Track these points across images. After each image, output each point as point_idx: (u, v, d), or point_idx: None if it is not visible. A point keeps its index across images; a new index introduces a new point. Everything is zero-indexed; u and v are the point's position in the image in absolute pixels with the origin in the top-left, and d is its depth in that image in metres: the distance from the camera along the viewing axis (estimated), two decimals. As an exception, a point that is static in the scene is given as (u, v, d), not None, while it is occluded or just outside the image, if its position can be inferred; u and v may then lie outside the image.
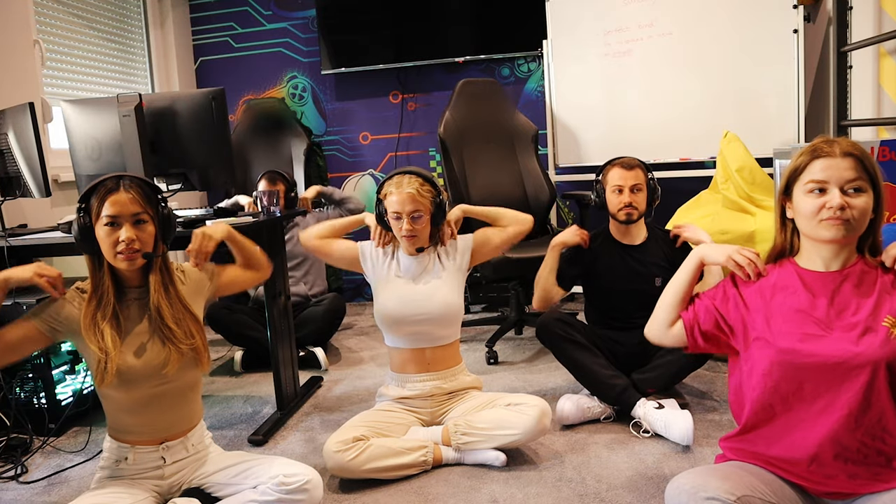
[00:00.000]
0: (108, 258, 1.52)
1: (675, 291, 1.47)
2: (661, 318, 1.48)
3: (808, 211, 1.28)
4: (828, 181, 1.26)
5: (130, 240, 1.48)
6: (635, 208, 2.24)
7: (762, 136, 3.14)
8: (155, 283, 1.55)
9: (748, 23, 3.18)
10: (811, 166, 1.29)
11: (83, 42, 3.43)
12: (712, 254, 1.45)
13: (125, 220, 1.49)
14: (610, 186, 2.26)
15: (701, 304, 1.44)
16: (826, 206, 1.25)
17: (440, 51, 3.85)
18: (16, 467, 2.08)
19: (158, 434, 1.60)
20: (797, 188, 1.31)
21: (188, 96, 2.23)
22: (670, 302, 1.47)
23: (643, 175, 2.25)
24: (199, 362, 1.59)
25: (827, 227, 1.26)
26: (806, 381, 1.27)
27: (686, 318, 1.44)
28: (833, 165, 1.26)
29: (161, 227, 1.56)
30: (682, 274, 1.47)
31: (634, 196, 2.23)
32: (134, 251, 1.49)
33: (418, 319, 1.96)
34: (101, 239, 1.50)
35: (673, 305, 1.46)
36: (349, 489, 1.83)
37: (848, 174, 1.25)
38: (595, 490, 1.75)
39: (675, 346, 1.48)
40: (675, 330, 1.46)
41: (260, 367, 2.96)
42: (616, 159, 2.29)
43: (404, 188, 1.90)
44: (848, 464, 1.26)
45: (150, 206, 1.53)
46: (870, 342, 1.23)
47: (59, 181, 3.00)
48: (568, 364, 2.21)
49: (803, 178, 1.30)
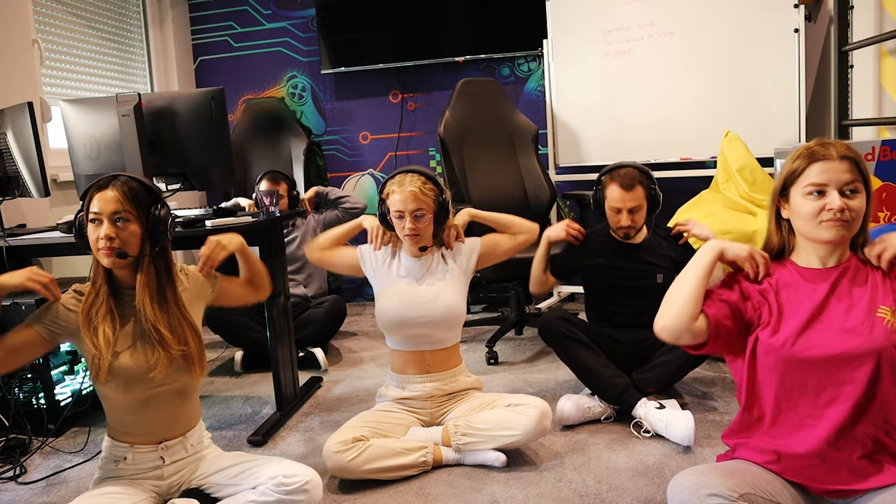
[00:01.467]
0: (94, 255, 1.54)
1: (694, 286, 1.37)
2: (684, 312, 1.36)
3: (808, 213, 1.30)
4: (827, 184, 1.29)
5: (108, 237, 1.49)
6: (633, 227, 2.24)
7: (763, 135, 3.14)
8: (141, 283, 1.55)
9: (749, 22, 3.18)
10: (809, 169, 1.31)
11: (82, 41, 3.42)
12: (733, 247, 1.39)
13: (105, 218, 1.50)
14: (608, 204, 2.23)
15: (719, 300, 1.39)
16: (826, 208, 1.28)
17: (440, 50, 3.85)
18: (15, 468, 2.07)
19: (157, 434, 1.60)
20: (795, 190, 1.34)
21: (187, 96, 2.22)
22: (690, 297, 1.36)
23: (643, 193, 2.20)
24: (189, 369, 1.58)
25: (827, 228, 1.29)
26: (810, 375, 1.29)
27: (711, 314, 1.36)
28: (831, 168, 1.29)
29: (149, 229, 1.54)
30: (699, 267, 1.39)
31: (633, 216, 2.21)
32: (111, 248, 1.50)
33: (420, 322, 1.95)
34: (89, 235, 1.53)
35: (695, 300, 1.36)
36: (349, 490, 1.82)
37: (845, 176, 1.28)
38: (595, 490, 1.75)
39: (692, 343, 1.39)
40: (699, 325, 1.37)
41: (259, 367, 2.96)
42: (616, 169, 2.23)
43: (406, 186, 1.90)
44: (852, 457, 1.27)
45: (134, 205, 1.52)
46: (868, 333, 1.26)
47: (58, 181, 2.99)
48: (570, 362, 2.21)
49: (801, 181, 1.32)
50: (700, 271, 1.39)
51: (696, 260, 1.41)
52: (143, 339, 1.56)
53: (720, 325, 1.36)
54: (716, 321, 1.36)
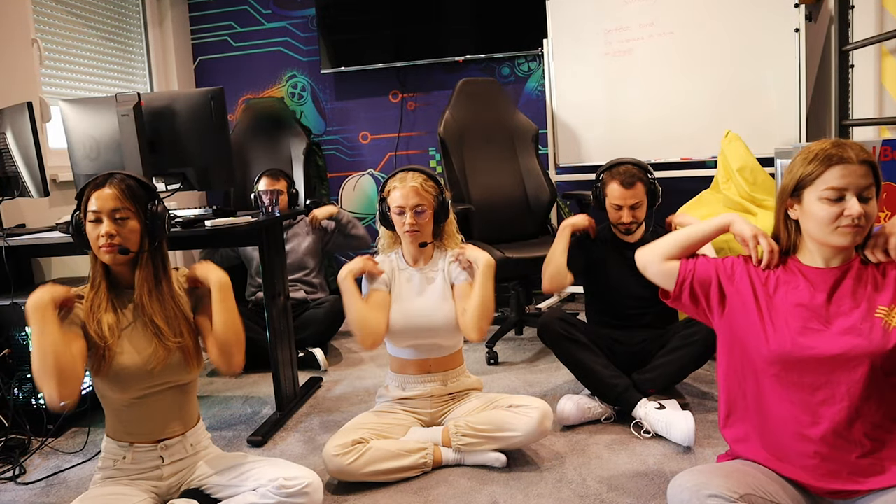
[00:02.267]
0: (95, 253, 1.55)
1: (688, 236, 1.45)
2: (662, 248, 1.46)
3: (825, 218, 1.27)
4: (846, 188, 1.25)
5: (109, 234, 1.51)
6: (634, 222, 2.25)
7: (763, 135, 3.13)
8: (140, 278, 1.57)
9: (749, 22, 3.17)
10: (829, 173, 1.27)
11: (82, 41, 3.42)
12: (742, 224, 1.41)
13: (105, 215, 1.51)
14: (609, 201, 2.25)
15: (703, 263, 1.43)
16: (845, 214, 1.25)
17: (440, 50, 3.84)
18: (14, 468, 2.07)
19: (156, 433, 1.60)
20: (809, 193, 1.30)
21: (187, 96, 2.22)
22: (678, 241, 1.45)
23: (643, 190, 2.22)
24: (187, 363, 1.59)
25: (843, 234, 1.26)
26: (806, 374, 1.29)
27: (684, 267, 1.43)
28: (852, 172, 1.25)
29: (148, 225, 1.56)
30: (703, 227, 1.45)
31: (634, 212, 2.23)
32: (112, 245, 1.51)
33: (423, 334, 1.95)
34: (88, 233, 1.54)
35: (679, 245, 1.45)
36: (349, 491, 1.82)
37: (864, 181, 1.26)
38: (596, 491, 1.74)
39: (655, 281, 1.47)
40: (668, 267, 1.44)
41: (259, 367, 2.95)
42: (616, 166, 2.25)
43: (408, 182, 1.91)
44: (851, 457, 1.27)
45: (133, 202, 1.54)
46: (866, 334, 1.26)
47: (57, 181, 2.98)
48: (569, 363, 2.20)
49: (819, 185, 1.28)
50: (699, 229, 1.45)
51: (701, 223, 1.47)
52: (142, 333, 1.57)
53: (687, 281, 1.42)
54: (684, 275, 1.42)
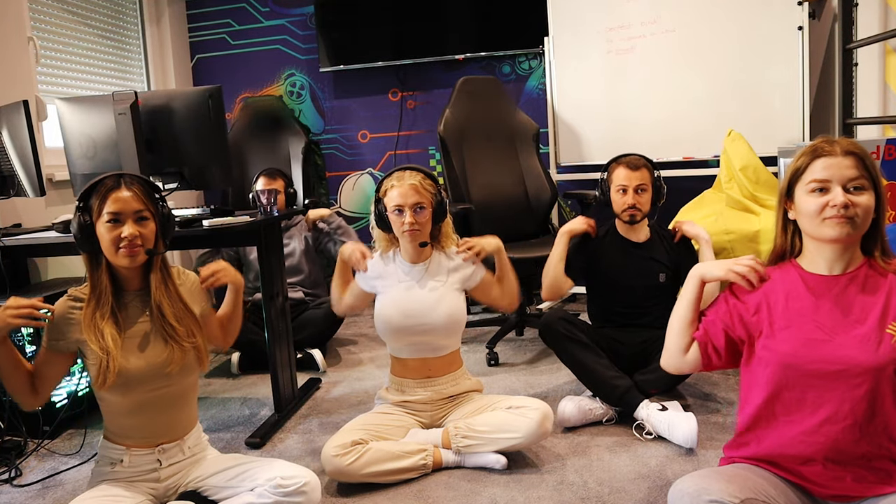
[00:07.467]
0: (108, 256, 1.52)
1: (681, 316, 1.43)
2: (675, 345, 1.44)
3: (811, 210, 1.26)
4: (830, 179, 1.25)
5: (133, 236, 1.49)
6: (639, 209, 2.23)
7: (766, 134, 3.11)
8: (156, 280, 1.57)
9: (752, 20, 3.16)
10: (812, 166, 1.28)
11: (78, 39, 3.40)
12: (712, 270, 1.41)
13: (128, 217, 1.50)
14: (614, 185, 2.25)
15: (708, 321, 1.41)
16: (829, 204, 1.24)
17: (440, 48, 3.82)
18: (10, 470, 2.05)
19: (154, 437, 1.59)
20: (799, 188, 1.30)
21: (184, 94, 2.21)
22: (680, 327, 1.43)
23: (648, 175, 2.24)
24: (200, 361, 1.61)
25: (831, 225, 1.24)
26: (809, 388, 1.26)
27: (699, 338, 1.41)
28: (835, 164, 1.25)
29: (161, 225, 1.57)
30: (684, 297, 1.44)
31: (639, 197, 2.22)
32: (136, 247, 1.50)
33: (420, 331, 1.93)
34: (102, 236, 1.51)
35: (683, 330, 1.43)
36: (347, 492, 1.80)
37: (850, 172, 1.24)
38: (597, 493, 1.73)
39: (694, 370, 1.45)
40: (691, 355, 1.42)
41: (257, 368, 2.93)
42: (622, 157, 2.28)
43: (406, 180, 1.88)
44: (853, 468, 1.25)
45: (151, 203, 1.55)
46: (874, 349, 1.21)
47: (53, 180, 2.97)
48: (570, 364, 2.19)
49: (805, 178, 1.29)
50: (683, 302, 1.44)
51: (681, 294, 1.46)
52: (152, 337, 1.56)
53: (709, 347, 1.40)
54: (704, 344, 1.40)
